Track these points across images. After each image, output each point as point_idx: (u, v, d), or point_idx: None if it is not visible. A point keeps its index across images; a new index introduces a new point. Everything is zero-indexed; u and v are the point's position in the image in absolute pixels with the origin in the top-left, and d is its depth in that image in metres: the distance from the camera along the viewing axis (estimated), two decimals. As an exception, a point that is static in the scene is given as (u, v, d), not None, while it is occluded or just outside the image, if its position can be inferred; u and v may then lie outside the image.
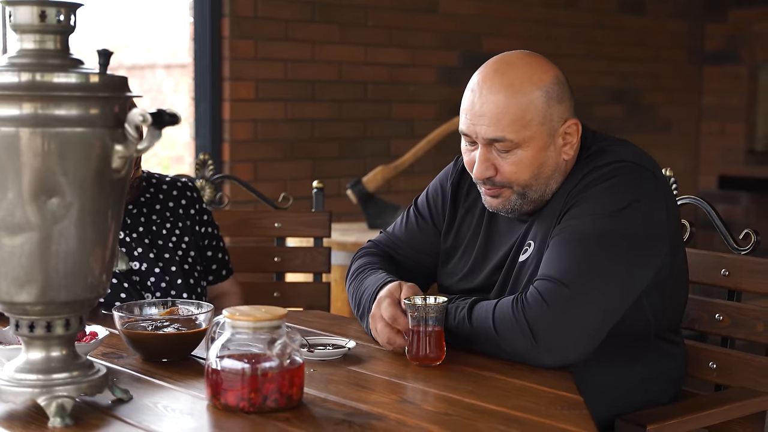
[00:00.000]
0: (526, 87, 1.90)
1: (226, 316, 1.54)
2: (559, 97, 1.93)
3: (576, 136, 1.96)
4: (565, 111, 1.94)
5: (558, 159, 1.95)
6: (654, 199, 1.90)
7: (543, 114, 1.91)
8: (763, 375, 2.11)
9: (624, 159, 1.92)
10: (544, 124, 1.91)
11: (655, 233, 1.89)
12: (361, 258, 2.18)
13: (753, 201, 6.46)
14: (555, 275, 1.81)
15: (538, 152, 1.92)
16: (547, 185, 1.96)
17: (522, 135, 1.90)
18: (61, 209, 1.44)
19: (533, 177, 1.93)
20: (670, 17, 6.38)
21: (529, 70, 1.92)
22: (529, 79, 1.91)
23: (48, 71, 1.43)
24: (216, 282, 2.67)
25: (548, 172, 1.95)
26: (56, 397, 1.47)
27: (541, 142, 1.92)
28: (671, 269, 1.95)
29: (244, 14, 4.56)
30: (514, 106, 1.89)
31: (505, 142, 1.90)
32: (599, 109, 5.98)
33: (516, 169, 1.92)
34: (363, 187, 4.30)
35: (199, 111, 4.55)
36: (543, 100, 1.91)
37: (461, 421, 1.51)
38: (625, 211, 1.85)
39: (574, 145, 1.96)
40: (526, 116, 1.89)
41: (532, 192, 1.95)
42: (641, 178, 1.90)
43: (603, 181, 1.89)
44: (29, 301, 1.47)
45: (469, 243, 2.12)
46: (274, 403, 1.52)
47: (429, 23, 5.19)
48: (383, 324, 1.89)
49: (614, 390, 1.95)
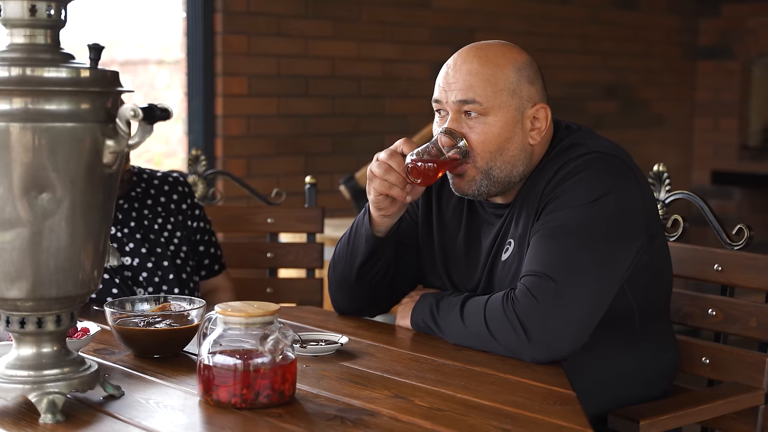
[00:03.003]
0: (499, 60, 1.96)
1: (218, 311, 1.54)
2: (531, 79, 1.98)
3: (545, 123, 1.98)
4: (535, 94, 1.98)
5: (524, 141, 1.97)
6: (628, 187, 1.91)
7: (513, 87, 1.95)
8: (756, 370, 2.11)
9: (595, 150, 1.94)
10: (513, 98, 1.95)
11: (633, 220, 1.90)
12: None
13: (746, 196, 6.47)
14: (541, 270, 1.82)
15: (505, 124, 1.95)
16: (513, 166, 1.97)
17: (492, 101, 1.93)
18: (51, 205, 1.43)
19: (498, 151, 1.95)
20: (663, 12, 6.38)
21: (503, 49, 1.99)
22: (503, 55, 1.97)
23: (38, 66, 1.42)
24: (208, 277, 2.66)
25: (513, 151, 1.96)
26: (47, 394, 1.47)
27: (510, 115, 1.95)
28: (650, 255, 1.96)
29: (237, 9, 4.55)
30: (486, 72, 1.94)
31: (474, 104, 1.94)
32: (592, 104, 5.98)
33: (483, 138, 1.94)
34: (356, 182, 4.29)
35: (192, 106, 4.54)
36: (515, 75, 1.96)
37: (453, 416, 1.51)
38: (601, 201, 1.87)
39: (542, 132, 1.98)
40: (497, 84, 1.94)
41: (497, 170, 1.96)
42: (614, 167, 1.92)
43: (576, 173, 1.90)
44: (20, 297, 1.47)
45: (449, 238, 2.11)
46: (267, 399, 1.51)
47: (422, 18, 5.18)
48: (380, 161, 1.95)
49: (606, 385, 1.95)
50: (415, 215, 2.18)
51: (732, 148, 6.51)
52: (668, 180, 2.38)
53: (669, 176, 2.39)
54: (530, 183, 1.98)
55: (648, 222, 1.94)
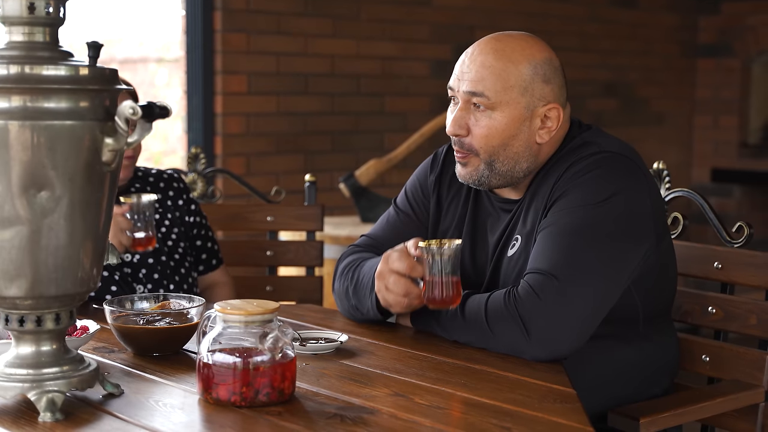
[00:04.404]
0: (516, 56, 1.94)
1: (218, 310, 1.54)
2: (546, 78, 1.96)
3: (556, 123, 1.97)
4: (549, 93, 1.96)
5: (530, 139, 1.96)
6: (638, 188, 1.91)
7: (525, 85, 1.94)
8: (756, 368, 2.10)
9: (606, 149, 1.93)
10: (524, 95, 1.94)
11: (641, 221, 1.90)
12: (347, 258, 2.17)
13: (746, 194, 6.46)
14: (545, 268, 1.81)
15: (511, 121, 1.94)
16: (516, 162, 1.96)
17: (500, 97, 1.93)
18: (50, 203, 1.43)
19: (502, 146, 1.95)
20: (663, 10, 6.37)
21: (524, 44, 1.97)
22: (521, 50, 1.95)
23: (37, 64, 1.42)
24: (206, 272, 2.66)
25: (518, 147, 1.96)
26: (47, 392, 1.46)
27: (517, 112, 1.94)
28: (657, 256, 1.96)
29: (237, 7, 4.54)
30: (499, 67, 1.93)
31: (482, 98, 1.94)
32: (592, 102, 5.97)
33: (487, 132, 1.95)
34: (356, 180, 4.29)
35: (192, 105, 4.54)
36: (529, 72, 1.94)
37: (453, 414, 1.51)
38: (610, 201, 1.86)
39: (552, 131, 1.97)
40: (509, 80, 1.93)
41: (500, 164, 1.96)
42: (624, 167, 1.92)
43: (587, 172, 1.90)
44: (19, 296, 1.47)
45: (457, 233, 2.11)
46: (266, 398, 1.51)
47: (422, 16, 5.18)
48: (396, 277, 1.86)
49: (607, 382, 1.95)
50: (424, 217, 2.17)
51: (732, 146, 6.51)
52: (668, 178, 2.38)
53: (669, 174, 2.39)
54: (540, 180, 1.98)
55: (656, 223, 1.94)
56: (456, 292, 1.81)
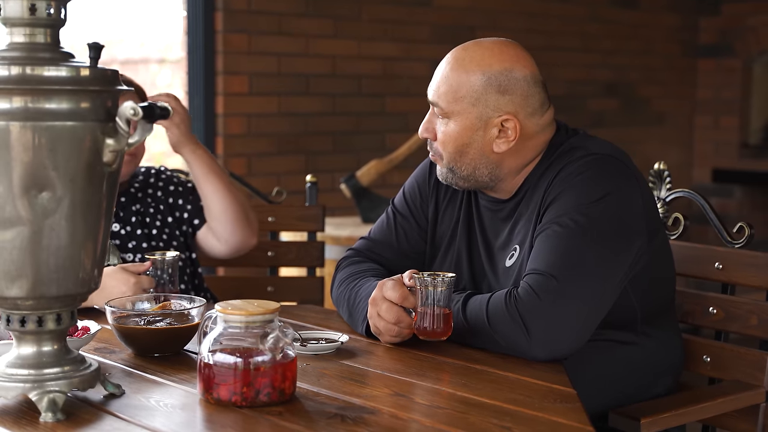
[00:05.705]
0: (470, 66, 1.98)
1: (219, 310, 1.54)
2: (503, 89, 1.96)
3: (515, 134, 1.98)
4: (507, 104, 1.97)
5: (486, 148, 1.99)
6: (629, 188, 1.92)
7: (476, 96, 1.97)
8: (757, 368, 2.11)
9: (594, 152, 1.95)
10: (476, 106, 1.97)
11: (633, 221, 1.91)
12: (346, 267, 2.18)
13: (747, 194, 6.46)
14: (544, 269, 1.82)
15: (464, 130, 1.99)
16: (474, 168, 2.01)
17: (451, 107, 1.99)
18: (51, 203, 1.43)
19: (457, 153, 2.01)
20: (663, 10, 6.37)
21: (486, 54, 1.99)
22: (479, 61, 1.98)
23: (38, 65, 1.42)
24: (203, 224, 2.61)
25: (473, 155, 2.00)
26: (48, 392, 1.47)
27: (469, 122, 1.98)
28: (650, 256, 1.96)
29: (238, 8, 4.55)
30: (452, 78, 1.98)
31: (438, 107, 2.01)
32: (593, 102, 5.98)
33: (444, 138, 2.02)
34: (357, 181, 4.29)
35: (193, 105, 4.54)
36: (481, 84, 1.96)
37: (454, 414, 1.51)
38: (604, 201, 1.88)
39: (511, 141, 1.98)
40: (459, 91, 1.97)
41: (459, 169, 2.03)
42: (614, 168, 1.93)
43: (578, 174, 1.92)
44: (20, 296, 1.47)
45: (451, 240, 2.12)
46: (267, 398, 1.51)
47: (423, 16, 5.18)
48: (389, 305, 1.87)
49: (607, 382, 1.95)
50: (422, 219, 2.19)
51: (733, 146, 6.51)
52: (669, 178, 2.38)
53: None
54: (531, 186, 2.00)
55: (648, 223, 1.95)
56: (447, 325, 1.83)
